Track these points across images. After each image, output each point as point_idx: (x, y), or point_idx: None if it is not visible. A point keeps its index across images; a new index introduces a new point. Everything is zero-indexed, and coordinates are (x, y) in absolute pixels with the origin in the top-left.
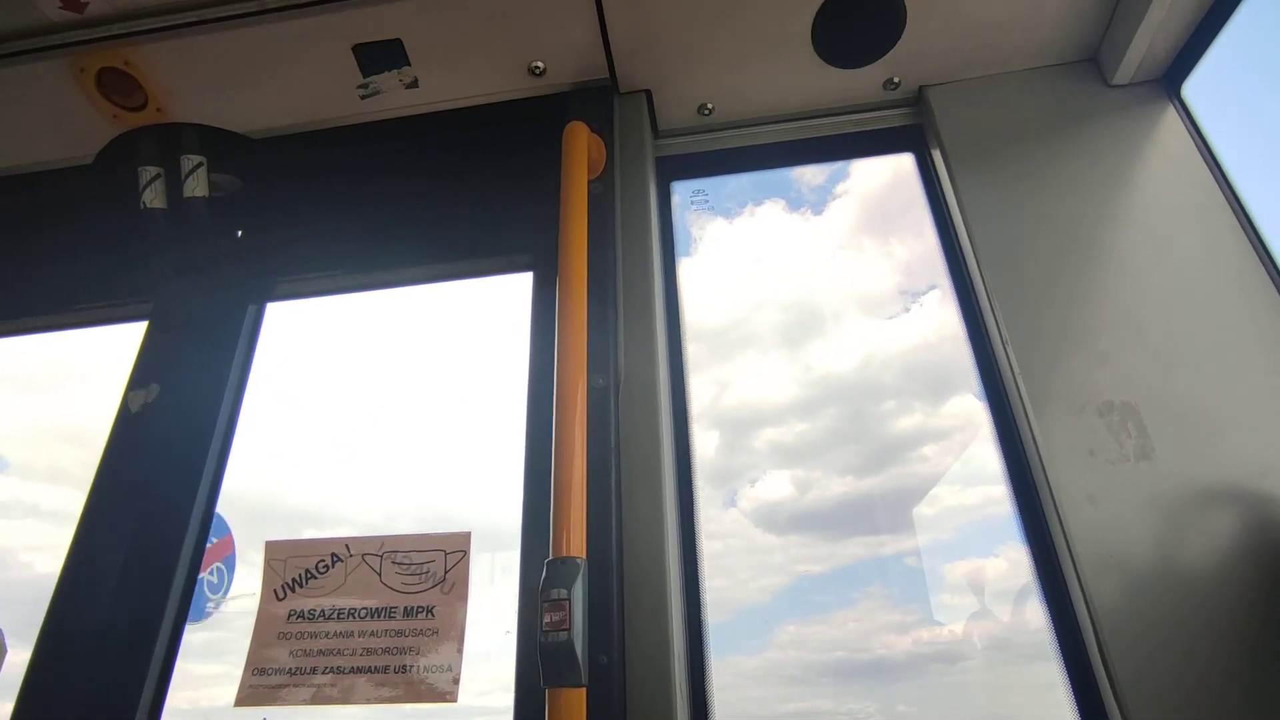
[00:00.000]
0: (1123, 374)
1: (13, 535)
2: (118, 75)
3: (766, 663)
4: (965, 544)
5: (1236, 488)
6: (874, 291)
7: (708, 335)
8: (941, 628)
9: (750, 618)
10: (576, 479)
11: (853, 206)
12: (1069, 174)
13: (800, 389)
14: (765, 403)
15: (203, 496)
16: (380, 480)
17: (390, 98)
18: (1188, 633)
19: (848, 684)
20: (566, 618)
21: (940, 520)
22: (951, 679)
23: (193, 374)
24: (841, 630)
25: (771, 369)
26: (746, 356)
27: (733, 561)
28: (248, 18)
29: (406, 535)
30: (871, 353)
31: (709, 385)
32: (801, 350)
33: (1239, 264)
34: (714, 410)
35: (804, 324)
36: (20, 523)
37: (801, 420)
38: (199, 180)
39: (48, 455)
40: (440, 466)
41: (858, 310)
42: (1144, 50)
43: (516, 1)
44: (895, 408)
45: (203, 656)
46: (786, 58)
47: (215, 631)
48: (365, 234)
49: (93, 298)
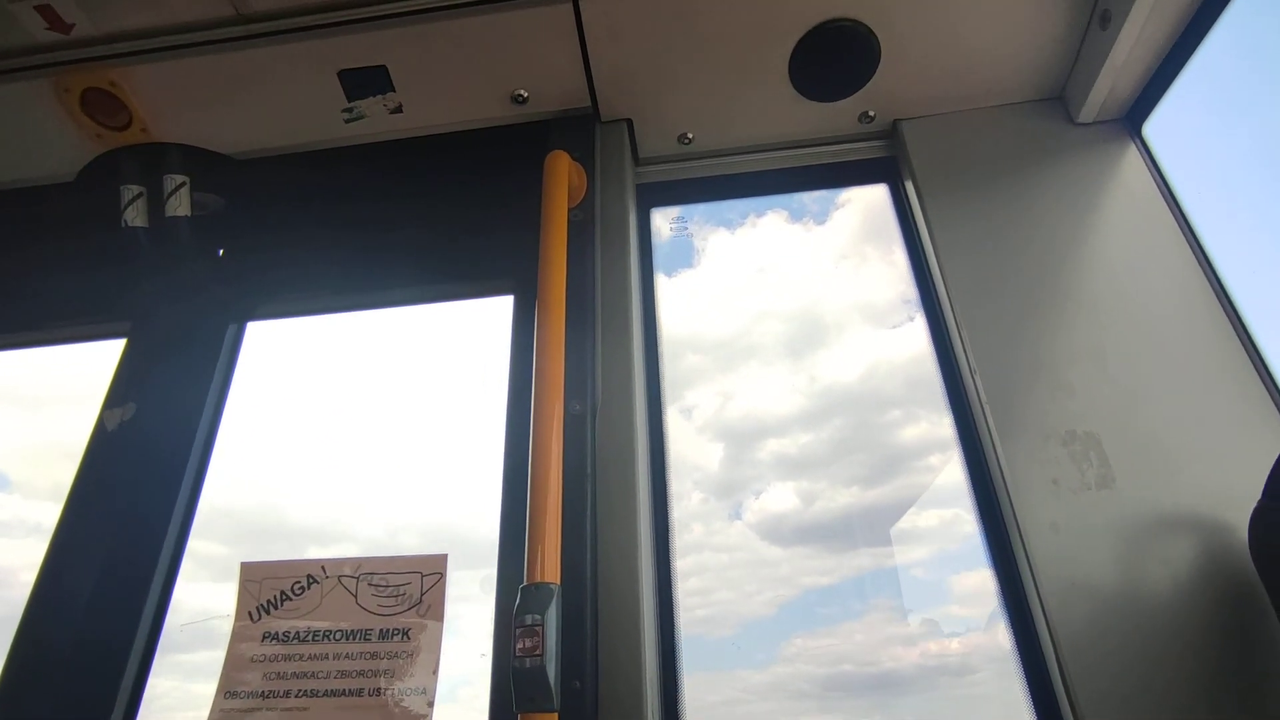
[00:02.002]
0: (1086, 404)
1: (15, 554)
2: (102, 95)
3: (774, 677)
4: (973, 555)
5: (1194, 515)
6: (877, 301)
7: (709, 347)
8: (950, 640)
9: (757, 631)
10: (551, 504)
11: (855, 216)
12: (1037, 208)
13: (805, 400)
14: (769, 414)
15: (178, 515)
16: (362, 500)
17: (374, 122)
18: (1148, 656)
19: (856, 698)
20: (540, 643)
21: (947, 530)
22: (961, 692)
23: (170, 393)
24: (849, 643)
25: (775, 380)
26: (750, 367)
27: (738, 574)
28: (234, 41)
29: (383, 557)
30: (875, 362)
31: (713, 397)
32: (805, 361)
33: (1196, 299)
34: (718, 422)
35: (807, 334)
36: (22, 542)
37: (806, 431)
38: (182, 199)
39: (44, 472)
40: (422, 486)
41: (861, 320)
42: (1107, 91)
43: (501, 31)
44: (901, 417)
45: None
46: (765, 90)
47: (194, 654)
48: (347, 255)
49: (71, 315)
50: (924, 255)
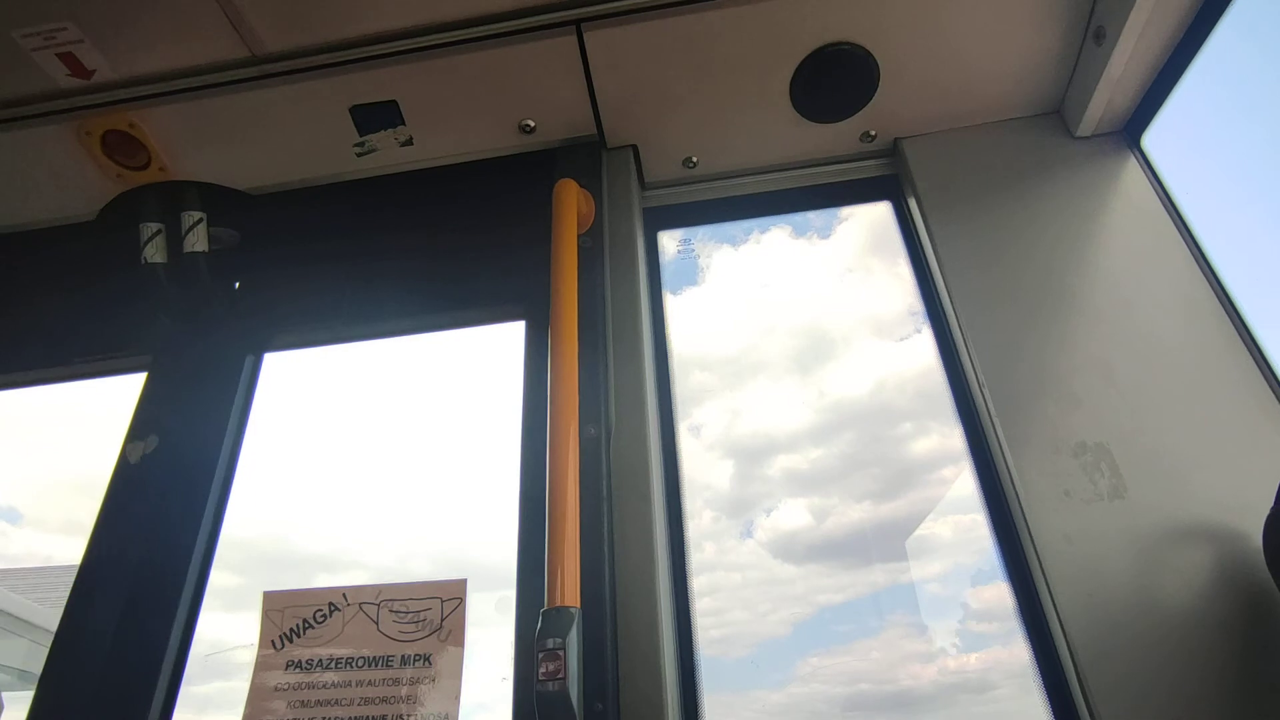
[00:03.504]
0: (1095, 416)
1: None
2: (122, 136)
3: (790, 697)
4: (989, 568)
5: (1207, 524)
6: (884, 313)
7: (716, 364)
8: (968, 655)
9: (772, 651)
10: (570, 528)
11: (859, 229)
12: (1039, 222)
13: (814, 414)
14: (779, 430)
15: (201, 546)
16: (371, 526)
17: (385, 155)
18: (1168, 667)
19: (873, 716)
20: (562, 667)
21: (963, 543)
22: (980, 709)
23: (191, 425)
24: (866, 661)
25: (784, 395)
26: (758, 383)
27: (751, 594)
28: (249, 81)
29: (403, 584)
30: (885, 375)
31: (721, 414)
32: (813, 375)
33: (1201, 308)
34: (727, 439)
35: (815, 348)
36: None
37: (817, 446)
38: (199, 235)
39: (60, 506)
40: (431, 511)
41: (869, 333)
42: (1104, 104)
43: (507, 64)
44: (912, 430)
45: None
46: (767, 113)
47: (206, 685)
48: (361, 285)
49: (93, 350)
50: (929, 270)
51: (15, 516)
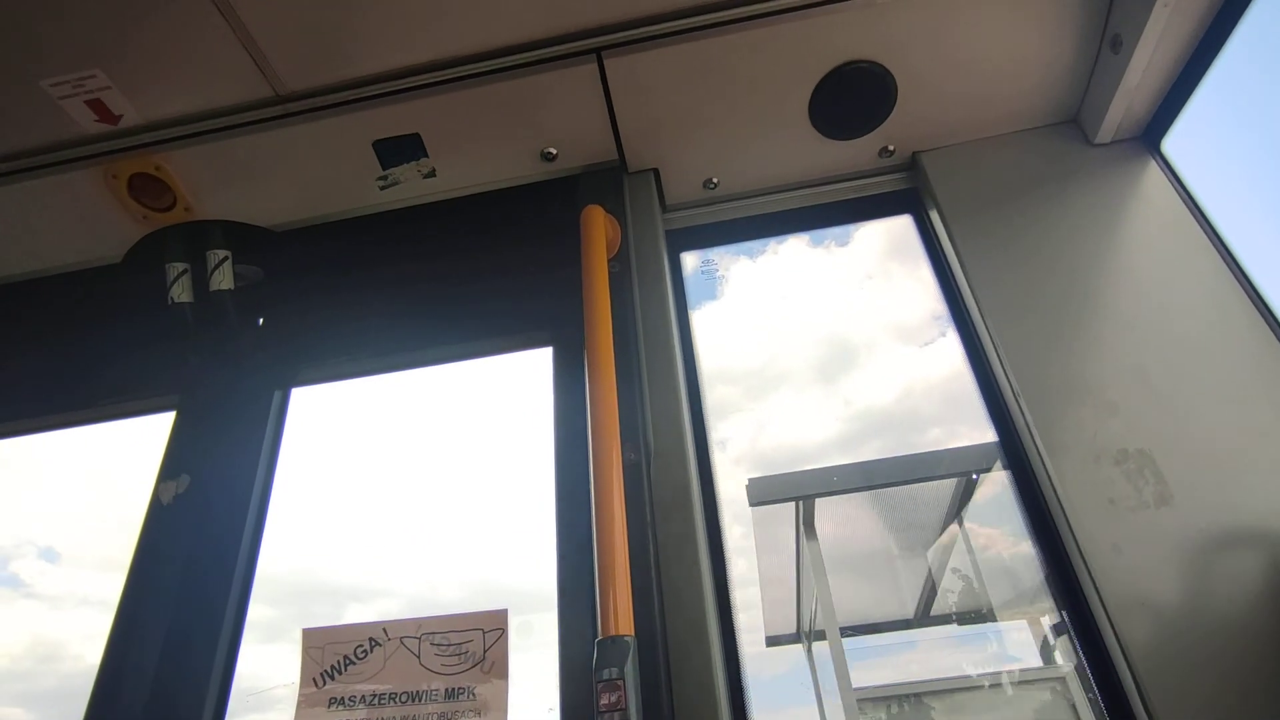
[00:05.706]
0: (1133, 422)
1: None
2: (148, 179)
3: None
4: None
5: (1257, 528)
6: (906, 319)
7: (739, 376)
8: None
9: (805, 668)
10: (620, 555)
11: (877, 235)
12: (1062, 230)
13: (841, 424)
14: (805, 440)
15: (238, 584)
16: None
17: (408, 187)
18: (1222, 672)
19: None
20: (623, 697)
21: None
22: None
23: (221, 462)
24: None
25: (809, 405)
26: (782, 394)
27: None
28: (273, 120)
29: (443, 616)
30: (911, 381)
31: (747, 427)
32: (838, 384)
33: (1233, 309)
34: (753, 453)
35: (838, 357)
36: (72, 613)
37: (844, 455)
38: (225, 274)
39: (96, 546)
40: (461, 539)
41: (893, 339)
42: (1122, 112)
43: (529, 92)
44: (942, 435)
45: None
46: (786, 133)
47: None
48: (386, 317)
49: (121, 391)
50: (954, 281)
51: (54, 556)
